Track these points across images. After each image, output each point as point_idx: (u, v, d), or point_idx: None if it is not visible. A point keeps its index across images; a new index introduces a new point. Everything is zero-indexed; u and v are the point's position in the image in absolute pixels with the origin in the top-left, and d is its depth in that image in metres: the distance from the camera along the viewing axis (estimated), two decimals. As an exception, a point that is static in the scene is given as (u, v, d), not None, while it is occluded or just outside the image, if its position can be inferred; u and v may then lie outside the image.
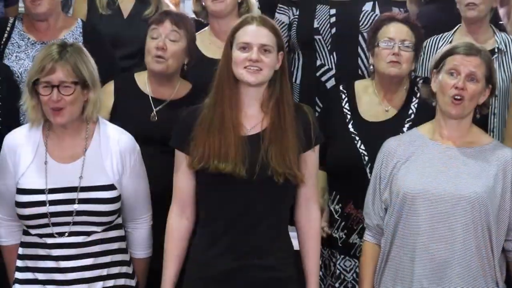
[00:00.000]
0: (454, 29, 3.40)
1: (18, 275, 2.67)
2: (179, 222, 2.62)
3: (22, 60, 3.33)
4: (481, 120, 2.87)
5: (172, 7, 3.96)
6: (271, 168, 2.47)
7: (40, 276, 2.63)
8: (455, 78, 2.57)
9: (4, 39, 3.34)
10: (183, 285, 2.63)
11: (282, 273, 2.59)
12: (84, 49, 2.66)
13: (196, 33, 3.36)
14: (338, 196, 3.03)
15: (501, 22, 3.71)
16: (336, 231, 3.04)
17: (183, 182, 2.60)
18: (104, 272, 2.64)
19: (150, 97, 3.12)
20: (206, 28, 3.49)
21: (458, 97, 2.56)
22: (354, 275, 2.98)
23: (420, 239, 2.57)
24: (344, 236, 2.99)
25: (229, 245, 2.54)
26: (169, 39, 3.02)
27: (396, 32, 2.97)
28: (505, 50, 3.32)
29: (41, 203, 2.54)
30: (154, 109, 3.11)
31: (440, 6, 3.66)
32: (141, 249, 2.82)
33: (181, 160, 2.59)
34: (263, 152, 2.50)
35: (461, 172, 2.58)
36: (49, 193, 2.54)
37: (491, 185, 2.55)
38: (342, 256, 3.01)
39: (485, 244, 2.56)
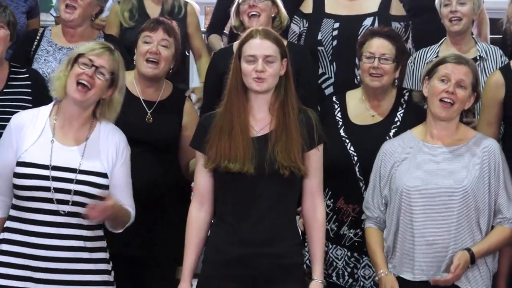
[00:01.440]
0: (441, 41, 3.62)
1: (3, 246, 2.75)
2: (198, 215, 2.77)
3: (50, 62, 3.54)
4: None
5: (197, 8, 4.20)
6: (278, 163, 2.63)
7: (23, 250, 2.72)
8: (446, 84, 2.77)
9: (34, 47, 3.57)
10: (201, 268, 2.82)
11: (289, 260, 2.72)
12: (122, 59, 2.85)
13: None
14: (330, 193, 3.19)
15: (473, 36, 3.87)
16: (328, 224, 3.15)
17: (201, 179, 2.77)
18: (87, 255, 2.74)
19: (141, 100, 3.27)
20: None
21: (448, 101, 2.75)
22: (344, 262, 3.14)
23: (419, 229, 2.75)
24: (335, 228, 3.15)
25: (241, 234, 2.69)
26: (161, 45, 3.20)
27: (377, 47, 3.16)
28: (485, 57, 3.53)
29: (45, 177, 2.66)
30: (148, 112, 3.26)
31: (425, 19, 3.89)
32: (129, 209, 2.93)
33: (199, 159, 2.76)
34: (271, 150, 2.67)
35: (451, 168, 2.79)
36: (53, 169, 2.69)
37: (478, 175, 2.74)
38: (333, 246, 3.18)
39: (476, 227, 2.77)
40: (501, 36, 3.88)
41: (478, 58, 3.50)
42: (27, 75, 3.39)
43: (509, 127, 3.30)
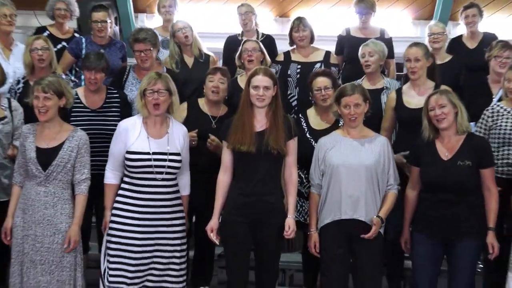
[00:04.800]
0: (362, 77, 4.40)
1: (120, 198, 3.37)
2: (223, 178, 3.43)
3: (133, 91, 4.09)
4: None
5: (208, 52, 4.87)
6: (270, 147, 3.29)
7: (133, 201, 3.34)
8: (349, 109, 3.44)
9: (124, 79, 4.17)
10: (224, 210, 3.43)
11: (275, 205, 3.38)
12: (169, 76, 3.50)
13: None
14: (305, 171, 3.81)
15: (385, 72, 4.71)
16: (303, 188, 3.91)
17: (225, 156, 3.42)
18: (170, 209, 3.43)
19: (209, 116, 3.95)
20: (242, 74, 4.41)
21: (353, 118, 3.44)
22: (307, 209, 3.77)
23: (343, 188, 3.40)
24: (307, 190, 3.82)
25: (247, 190, 3.33)
26: (219, 83, 3.92)
27: (321, 82, 3.88)
28: (389, 87, 4.32)
29: (148, 159, 3.33)
30: (213, 121, 3.94)
31: (354, 65, 4.73)
32: (184, 191, 3.56)
33: (224, 144, 3.42)
34: (266, 139, 3.31)
35: (361, 152, 3.45)
36: (153, 154, 3.35)
37: (377, 158, 3.42)
38: (303, 200, 3.91)
39: (376, 189, 3.43)
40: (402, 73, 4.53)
41: (384, 87, 4.31)
42: (118, 96, 3.99)
43: (399, 127, 4.08)
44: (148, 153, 3.33)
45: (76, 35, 4.87)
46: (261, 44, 4.36)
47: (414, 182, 3.56)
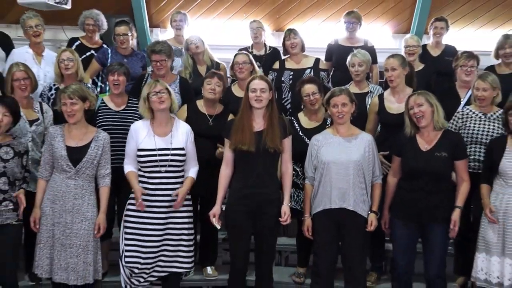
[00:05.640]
0: (349, 83, 4.39)
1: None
2: (225, 171, 3.47)
3: None
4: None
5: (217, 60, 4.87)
6: (267, 145, 3.30)
7: (146, 186, 3.42)
8: (336, 108, 3.49)
9: (142, 84, 4.03)
10: (227, 199, 3.48)
11: (272, 196, 3.39)
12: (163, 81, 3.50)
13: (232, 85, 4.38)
14: (300, 165, 3.81)
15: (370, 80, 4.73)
16: (298, 180, 3.89)
17: (227, 153, 3.44)
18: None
19: (207, 115, 3.96)
20: (235, 84, 4.41)
21: (341, 116, 3.48)
22: (302, 198, 3.77)
23: (333, 182, 3.39)
24: (302, 181, 3.81)
25: (247, 183, 3.35)
26: (216, 85, 3.90)
27: (308, 89, 3.88)
28: (373, 91, 4.31)
29: (153, 155, 3.40)
30: (210, 119, 3.93)
31: (342, 72, 4.72)
32: (192, 174, 3.57)
33: (227, 143, 3.42)
34: (263, 138, 3.32)
35: (348, 149, 3.47)
36: (158, 150, 3.41)
37: (363, 153, 3.43)
38: (299, 191, 3.89)
39: (362, 180, 3.44)
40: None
41: (369, 92, 4.30)
42: (136, 101, 3.95)
43: (382, 128, 4.07)
44: (153, 150, 3.38)
45: (104, 45, 4.96)
46: (250, 56, 4.36)
47: (395, 170, 3.58)
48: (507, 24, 6.53)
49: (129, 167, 3.47)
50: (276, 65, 4.76)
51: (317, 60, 4.74)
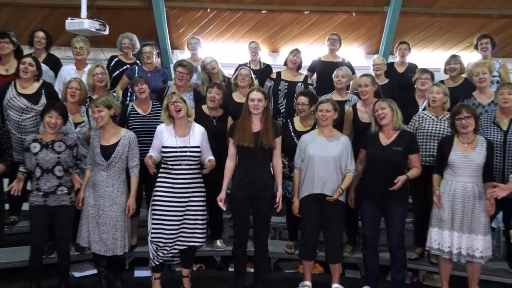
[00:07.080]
0: (331, 92, 4.38)
1: (159, 179, 3.36)
2: (230, 164, 3.43)
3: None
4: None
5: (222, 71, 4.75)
6: (263, 143, 3.31)
7: (168, 180, 3.36)
8: (322, 112, 3.49)
9: (164, 94, 4.04)
10: (231, 187, 3.42)
11: (267, 184, 3.38)
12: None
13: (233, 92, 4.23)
14: (287, 158, 3.83)
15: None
16: (286, 171, 3.88)
17: (231, 149, 3.42)
18: (193, 185, 3.39)
19: (210, 117, 3.92)
20: (235, 91, 4.28)
21: (325, 119, 3.48)
22: (291, 187, 3.75)
23: (316, 172, 3.43)
24: (288, 172, 3.86)
25: (247, 173, 3.34)
26: (216, 94, 3.87)
27: (300, 100, 3.83)
28: (350, 100, 4.28)
29: (175, 152, 3.33)
30: (214, 120, 3.90)
31: (324, 83, 4.72)
32: (211, 157, 3.43)
33: (231, 141, 3.40)
34: (260, 137, 3.32)
35: (330, 147, 3.48)
36: (178, 148, 3.34)
37: (341, 150, 3.45)
38: (287, 181, 3.87)
39: (339, 172, 3.45)
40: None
41: (348, 100, 4.27)
42: (159, 106, 3.92)
43: (355, 133, 4.01)
44: (175, 147, 3.35)
45: (138, 61, 4.93)
46: (251, 71, 4.27)
47: (362, 160, 3.55)
48: (456, 47, 6.58)
49: (151, 153, 3.43)
50: (274, 75, 4.68)
51: (306, 77, 4.69)
